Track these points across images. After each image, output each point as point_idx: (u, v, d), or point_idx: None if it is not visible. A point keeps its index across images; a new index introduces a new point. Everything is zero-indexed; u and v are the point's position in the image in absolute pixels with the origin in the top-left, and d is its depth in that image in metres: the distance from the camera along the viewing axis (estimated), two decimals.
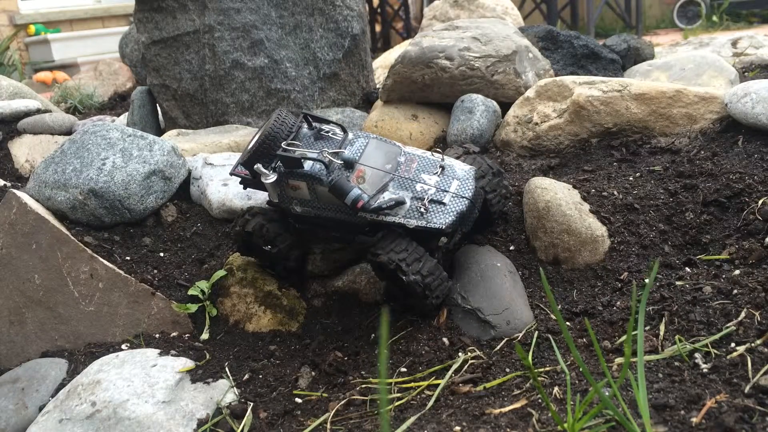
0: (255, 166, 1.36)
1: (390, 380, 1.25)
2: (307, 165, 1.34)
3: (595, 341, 0.93)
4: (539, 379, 1.13)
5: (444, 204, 1.33)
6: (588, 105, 1.85)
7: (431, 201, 1.33)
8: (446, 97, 2.14)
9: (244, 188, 1.59)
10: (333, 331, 1.50)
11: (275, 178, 1.36)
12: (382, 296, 1.51)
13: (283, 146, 1.35)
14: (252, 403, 1.27)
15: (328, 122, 1.44)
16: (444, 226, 1.31)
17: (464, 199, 1.35)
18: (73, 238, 1.65)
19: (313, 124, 1.43)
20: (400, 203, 1.33)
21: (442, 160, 1.41)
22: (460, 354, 1.27)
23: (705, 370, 1.03)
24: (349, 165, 1.33)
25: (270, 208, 1.53)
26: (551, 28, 2.60)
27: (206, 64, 2.49)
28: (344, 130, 1.42)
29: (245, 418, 1.23)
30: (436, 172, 1.38)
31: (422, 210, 1.32)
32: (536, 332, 1.29)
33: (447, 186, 1.37)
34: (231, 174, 1.53)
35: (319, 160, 1.33)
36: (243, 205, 1.79)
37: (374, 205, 1.32)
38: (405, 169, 1.39)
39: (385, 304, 1.48)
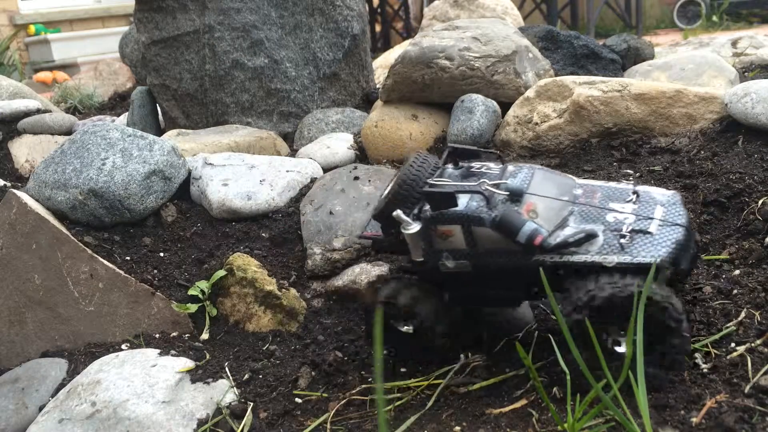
0: (394, 213, 1.11)
1: (392, 384, 1.25)
2: (461, 204, 1.09)
3: (595, 341, 0.93)
4: (539, 379, 1.13)
5: (651, 234, 1.05)
6: (588, 105, 1.85)
7: (633, 231, 1.05)
8: (446, 97, 2.14)
9: (376, 253, 1.32)
10: (333, 331, 1.50)
11: (418, 227, 1.11)
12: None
13: (430, 182, 1.12)
14: (252, 403, 1.27)
15: (479, 153, 1.21)
16: (659, 260, 1.00)
17: (678, 227, 1.06)
18: (73, 238, 1.65)
19: (459, 163, 1.20)
20: (591, 236, 1.04)
21: (635, 185, 1.17)
22: (460, 354, 1.26)
23: (705, 370, 1.03)
24: (516, 197, 1.07)
25: (405, 275, 1.26)
26: (551, 28, 2.60)
27: (206, 64, 2.49)
28: (500, 159, 1.19)
29: (245, 418, 1.23)
30: (630, 200, 1.13)
31: (622, 243, 1.03)
32: (536, 332, 1.29)
33: (650, 213, 1.09)
34: (360, 237, 1.28)
35: (478, 192, 1.08)
36: (243, 205, 1.79)
37: (556, 242, 1.05)
38: (587, 201, 1.13)
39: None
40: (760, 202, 1.43)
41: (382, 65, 3.17)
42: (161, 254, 1.73)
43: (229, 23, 2.47)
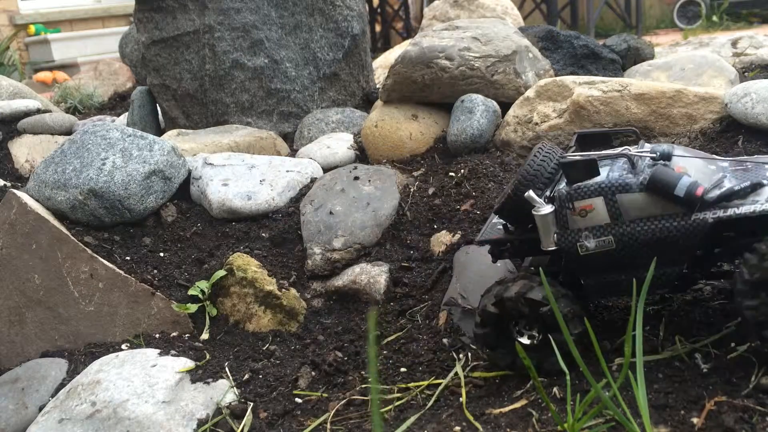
0: (526, 194, 1.03)
1: (392, 387, 1.25)
2: (602, 176, 1.01)
3: (595, 341, 0.93)
4: (539, 379, 1.13)
5: None
6: (588, 105, 1.85)
7: None
8: (446, 97, 2.14)
9: (496, 260, 1.19)
10: (333, 331, 1.50)
11: (552, 207, 1.03)
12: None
13: (566, 155, 1.05)
14: (252, 403, 1.27)
15: (609, 135, 1.14)
16: None
17: None
18: (73, 238, 1.65)
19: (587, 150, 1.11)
20: (758, 185, 0.94)
21: None
22: (460, 354, 1.26)
23: (705, 370, 1.03)
24: (666, 158, 0.99)
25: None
26: (551, 28, 2.60)
27: (206, 64, 2.49)
28: (637, 135, 1.12)
29: (245, 418, 1.23)
30: None
31: None
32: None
33: None
34: (479, 243, 1.17)
35: (623, 156, 1.01)
36: (243, 205, 1.79)
37: (719, 194, 0.94)
38: (740, 165, 1.04)
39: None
40: None
41: (382, 65, 3.17)
42: (161, 254, 1.73)
43: (229, 23, 2.47)
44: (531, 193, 1.03)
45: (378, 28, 6.77)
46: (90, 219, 1.74)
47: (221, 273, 1.60)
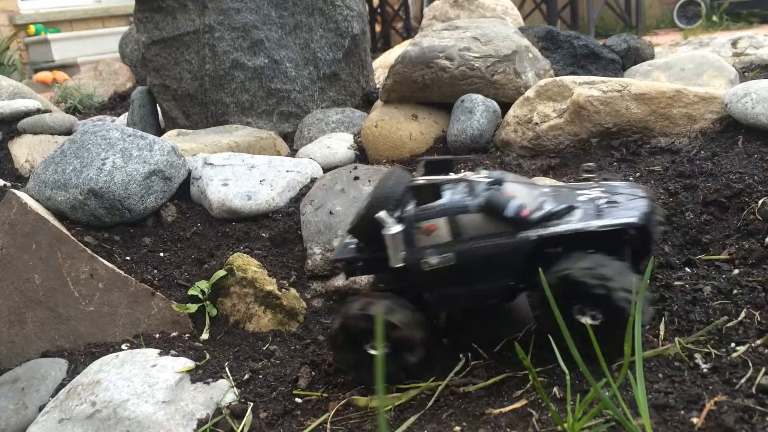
0: (377, 215, 1.12)
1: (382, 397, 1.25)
2: (445, 198, 1.13)
3: (595, 341, 0.93)
4: (539, 379, 1.13)
5: (621, 203, 1.12)
6: (588, 105, 1.85)
7: (605, 202, 1.13)
8: (446, 97, 2.14)
9: (348, 276, 1.32)
10: None
11: (401, 227, 1.12)
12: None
13: (414, 179, 1.15)
14: (252, 403, 1.27)
15: (452, 162, 1.24)
16: (636, 219, 1.06)
17: (644, 198, 1.14)
18: (73, 238, 1.65)
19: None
20: (572, 208, 1.11)
21: (595, 178, 1.25)
22: (460, 354, 1.26)
23: (705, 370, 1.03)
24: (498, 183, 1.12)
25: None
26: (551, 28, 2.60)
27: (206, 64, 2.49)
28: (475, 166, 1.24)
29: (245, 418, 1.23)
30: (595, 188, 1.20)
31: (599, 211, 1.10)
32: (536, 332, 1.29)
33: (614, 191, 1.17)
34: (335, 260, 1.27)
35: (462, 181, 1.13)
36: (243, 205, 1.79)
37: (541, 214, 1.10)
38: (556, 191, 1.20)
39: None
40: (760, 202, 1.43)
41: (382, 65, 3.17)
42: (161, 254, 1.73)
43: (229, 23, 2.47)
44: (382, 214, 1.13)
45: (378, 28, 6.77)
46: (90, 219, 1.74)
47: (221, 273, 1.61)
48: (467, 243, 1.12)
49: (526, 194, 1.14)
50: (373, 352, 1.17)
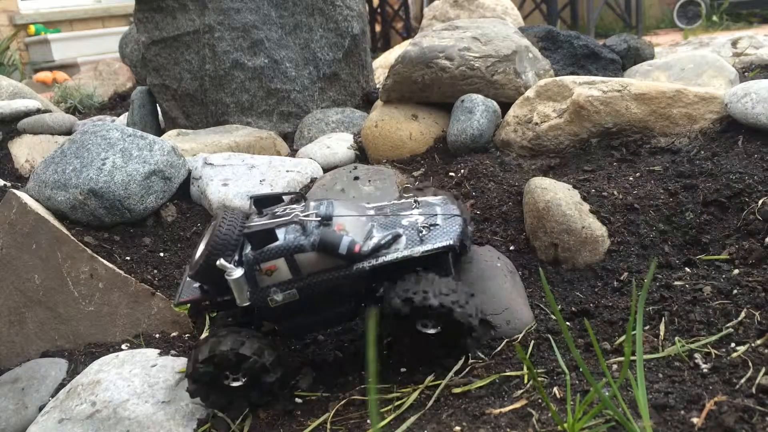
0: (218, 263, 1.16)
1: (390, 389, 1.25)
2: (280, 239, 1.19)
3: (595, 341, 0.93)
4: (539, 379, 1.13)
5: (439, 225, 1.25)
6: (588, 105, 1.85)
7: (425, 227, 1.24)
8: (446, 97, 2.14)
9: (194, 318, 1.38)
10: (333, 331, 1.49)
11: (242, 270, 1.17)
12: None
13: (246, 225, 1.20)
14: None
15: (280, 197, 1.32)
16: (453, 241, 1.20)
17: (457, 217, 1.27)
18: (73, 238, 1.65)
19: (263, 210, 1.29)
20: (396, 236, 1.22)
21: (414, 198, 1.37)
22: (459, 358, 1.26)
23: (705, 370, 1.03)
24: (327, 220, 1.19)
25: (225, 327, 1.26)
26: (551, 28, 2.60)
27: (206, 64, 2.49)
28: (303, 197, 1.30)
29: (245, 418, 1.23)
30: (414, 207, 1.33)
31: (421, 236, 1.22)
32: (536, 332, 1.29)
33: (432, 212, 1.30)
34: (177, 304, 1.28)
35: (294, 222, 1.19)
36: (243, 205, 1.79)
37: (371, 246, 1.19)
38: (381, 215, 1.31)
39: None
40: (760, 202, 1.43)
41: (382, 65, 3.17)
42: (161, 254, 1.73)
43: (229, 23, 2.47)
44: (222, 261, 1.15)
45: (378, 28, 6.77)
46: (90, 219, 1.74)
47: None
48: (307, 279, 1.19)
49: (354, 225, 1.22)
50: (235, 384, 1.21)
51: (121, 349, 1.47)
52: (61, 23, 6.74)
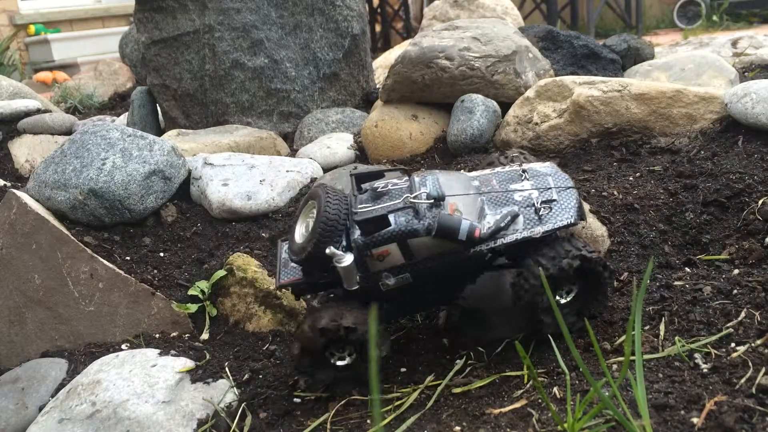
0: (327, 251, 1.12)
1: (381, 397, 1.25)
2: (393, 224, 1.13)
3: (595, 341, 0.93)
4: (539, 379, 1.13)
5: (556, 200, 1.18)
6: (588, 105, 1.85)
7: (543, 203, 1.18)
8: (446, 97, 2.14)
9: (297, 298, 1.34)
10: None
11: (352, 257, 1.13)
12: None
13: (358, 211, 1.14)
14: (252, 403, 1.27)
15: (382, 173, 1.25)
16: (573, 219, 1.16)
17: (571, 189, 1.21)
18: (73, 238, 1.65)
19: (363, 185, 1.23)
20: (515, 216, 1.16)
21: (520, 165, 1.28)
22: (460, 354, 1.26)
23: (705, 370, 1.03)
24: (439, 201, 1.13)
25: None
26: (551, 28, 2.60)
27: (206, 64, 2.49)
28: (406, 173, 1.23)
29: (245, 418, 1.23)
30: (522, 178, 1.24)
31: (539, 215, 1.16)
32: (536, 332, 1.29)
33: (546, 184, 1.22)
34: (278, 287, 1.26)
35: (407, 208, 1.13)
36: (243, 205, 1.79)
37: (491, 230, 1.13)
38: (489, 189, 1.22)
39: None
40: (760, 202, 1.43)
41: (382, 65, 3.17)
42: (161, 254, 1.73)
43: (229, 23, 2.47)
44: (331, 249, 1.12)
45: (378, 28, 6.77)
46: (90, 219, 1.74)
47: (221, 273, 1.61)
48: (422, 263, 1.15)
49: (466, 204, 1.16)
50: (340, 363, 1.20)
51: (121, 349, 1.47)
52: (61, 23, 6.73)
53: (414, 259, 1.14)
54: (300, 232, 1.20)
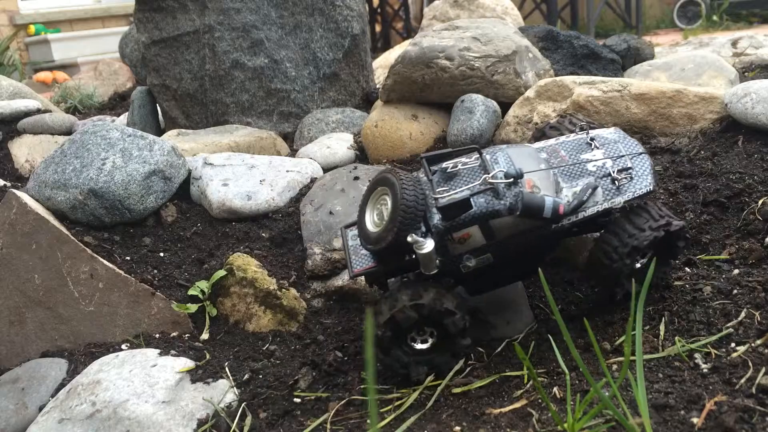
0: (409, 239, 1.10)
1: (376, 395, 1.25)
2: (473, 206, 1.12)
3: (595, 341, 0.93)
4: (539, 379, 1.13)
5: (632, 168, 1.19)
6: (588, 105, 1.85)
7: (618, 171, 1.18)
8: (446, 97, 2.14)
9: (371, 286, 1.32)
10: (333, 331, 1.50)
11: (432, 243, 1.11)
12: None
13: (438, 197, 1.12)
14: (252, 403, 1.27)
15: (452, 153, 1.22)
16: (652, 186, 1.18)
17: (643, 155, 1.21)
18: (73, 238, 1.65)
19: (431, 168, 1.21)
20: (594, 188, 1.16)
21: (586, 133, 1.27)
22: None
23: (705, 370, 1.03)
24: (518, 178, 1.12)
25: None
26: (551, 28, 2.60)
27: (206, 64, 2.49)
28: (478, 151, 1.20)
29: (245, 418, 1.23)
30: (592, 146, 1.23)
31: (617, 185, 1.17)
32: (536, 332, 1.29)
33: (616, 152, 1.22)
34: (352, 277, 1.24)
35: (488, 189, 1.12)
36: (243, 205, 1.79)
37: (573, 205, 1.14)
38: (559, 161, 1.21)
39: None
40: (760, 202, 1.43)
41: (382, 65, 3.17)
42: (161, 254, 1.73)
43: (229, 23, 2.47)
44: (413, 236, 1.10)
45: (378, 28, 6.77)
46: (90, 219, 1.74)
47: (221, 273, 1.61)
48: (503, 242, 1.14)
49: (542, 179, 1.15)
50: (420, 346, 1.17)
51: (121, 349, 1.47)
52: (61, 23, 6.73)
53: (495, 239, 1.14)
54: (371, 220, 1.18)
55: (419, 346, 1.19)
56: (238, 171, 1.90)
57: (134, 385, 1.26)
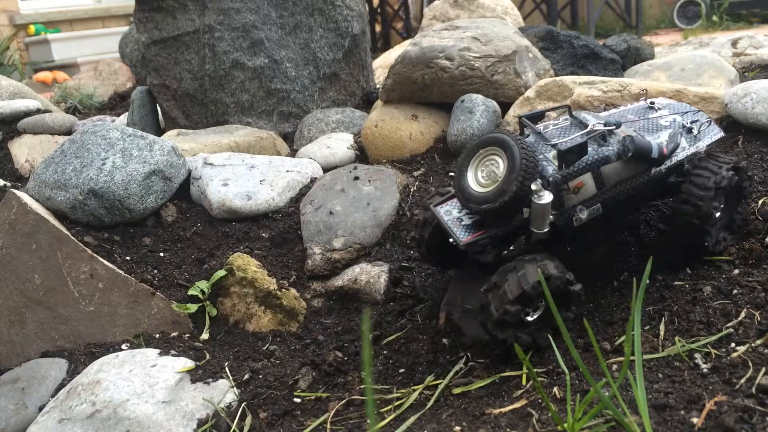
0: (533, 186, 1.09)
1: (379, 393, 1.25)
2: (588, 153, 1.17)
3: (595, 341, 0.93)
4: (539, 379, 1.13)
5: (699, 120, 1.31)
6: (588, 105, 1.85)
7: (692, 122, 1.30)
8: (446, 97, 2.14)
9: (477, 256, 1.27)
10: (333, 331, 1.50)
11: (551, 195, 1.11)
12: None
13: (559, 142, 1.16)
14: (252, 403, 1.27)
15: (543, 114, 1.27)
16: (722, 132, 1.33)
17: (701, 111, 1.34)
18: (73, 238, 1.65)
19: (525, 131, 1.24)
20: (679, 135, 1.26)
21: (645, 100, 1.38)
22: (460, 354, 1.26)
23: (705, 370, 1.03)
24: (618, 127, 1.19)
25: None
26: (551, 28, 2.60)
27: (206, 64, 2.49)
28: (568, 108, 1.25)
29: (245, 418, 1.23)
30: (655, 108, 1.34)
31: (694, 133, 1.28)
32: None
33: (679, 109, 1.33)
34: (464, 245, 1.18)
35: (602, 132, 1.17)
36: (243, 205, 1.79)
37: (671, 148, 1.22)
38: (628, 120, 1.29)
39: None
40: (760, 202, 1.43)
41: (382, 65, 3.17)
42: (161, 254, 1.73)
43: (229, 23, 2.47)
44: (537, 183, 1.10)
45: (378, 28, 6.77)
46: (90, 219, 1.74)
47: (221, 273, 1.61)
48: (611, 190, 1.19)
49: (627, 129, 1.22)
50: (530, 318, 1.16)
51: (121, 349, 1.47)
52: (61, 23, 6.73)
53: (604, 187, 1.18)
54: (477, 181, 1.17)
55: (530, 318, 1.17)
56: (238, 171, 1.90)
57: (134, 385, 1.26)
